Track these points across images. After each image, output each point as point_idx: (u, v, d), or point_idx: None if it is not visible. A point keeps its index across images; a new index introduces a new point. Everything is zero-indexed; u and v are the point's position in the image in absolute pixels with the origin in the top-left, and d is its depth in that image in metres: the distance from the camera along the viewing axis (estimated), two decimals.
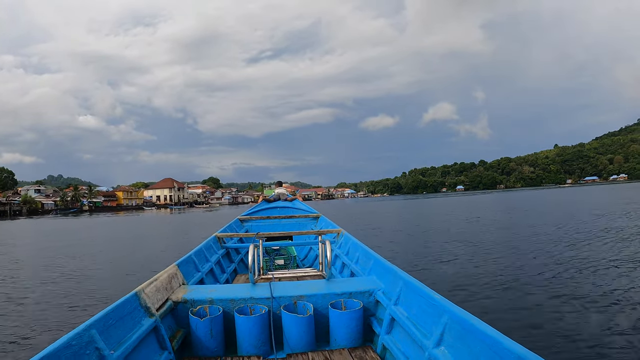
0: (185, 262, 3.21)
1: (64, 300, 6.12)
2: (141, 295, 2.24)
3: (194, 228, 22.61)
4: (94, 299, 6.13)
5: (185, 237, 17.12)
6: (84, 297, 6.27)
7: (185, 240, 15.23)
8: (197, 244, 3.84)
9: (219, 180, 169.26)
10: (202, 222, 28.49)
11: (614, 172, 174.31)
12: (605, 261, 6.96)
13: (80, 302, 5.96)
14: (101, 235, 20.47)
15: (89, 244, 15.83)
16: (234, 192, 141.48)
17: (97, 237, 19.19)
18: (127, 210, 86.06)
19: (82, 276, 8.25)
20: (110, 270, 9.12)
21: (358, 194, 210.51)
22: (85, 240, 17.77)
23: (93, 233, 22.60)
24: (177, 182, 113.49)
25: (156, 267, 6.81)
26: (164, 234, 20.28)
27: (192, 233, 18.54)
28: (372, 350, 2.37)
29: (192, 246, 3.79)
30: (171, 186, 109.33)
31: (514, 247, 9.17)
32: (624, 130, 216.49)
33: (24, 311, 5.67)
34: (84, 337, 1.68)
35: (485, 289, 5.58)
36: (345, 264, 3.76)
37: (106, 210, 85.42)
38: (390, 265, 2.71)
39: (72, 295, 6.48)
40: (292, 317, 2.38)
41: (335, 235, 4.53)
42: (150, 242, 15.77)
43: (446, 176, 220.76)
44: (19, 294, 6.85)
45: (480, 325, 1.61)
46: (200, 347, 2.35)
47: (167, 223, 30.78)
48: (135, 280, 6.71)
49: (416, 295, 2.20)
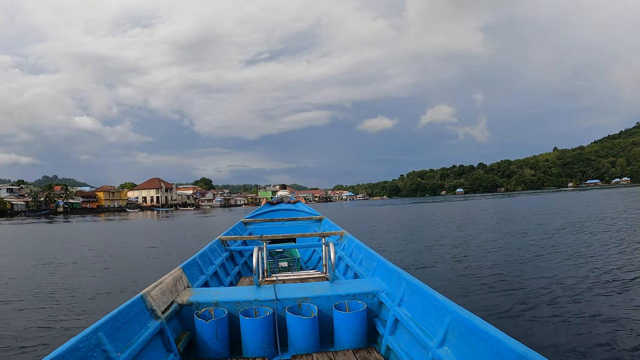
0: (189, 265, 3.21)
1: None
2: (147, 298, 2.26)
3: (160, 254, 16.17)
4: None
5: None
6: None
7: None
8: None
9: (211, 181, 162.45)
10: (174, 242, 22.17)
11: (616, 175, 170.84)
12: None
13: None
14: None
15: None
16: (226, 193, 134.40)
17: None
18: (108, 212, 79.32)
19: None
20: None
21: (357, 196, 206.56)
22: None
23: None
24: (165, 182, 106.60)
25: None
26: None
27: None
28: (376, 351, 2.37)
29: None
30: (158, 186, 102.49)
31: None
32: (624, 133, 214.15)
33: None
34: (91, 339, 1.70)
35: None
36: (349, 266, 3.77)
37: (84, 212, 78.49)
38: (394, 267, 2.73)
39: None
40: (296, 319, 2.39)
41: (338, 237, 4.55)
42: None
43: (445, 179, 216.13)
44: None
45: (484, 325, 1.64)
46: (206, 350, 2.36)
47: (132, 234, 24.72)
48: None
49: (419, 296, 2.22)
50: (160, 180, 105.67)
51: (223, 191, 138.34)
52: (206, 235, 16.80)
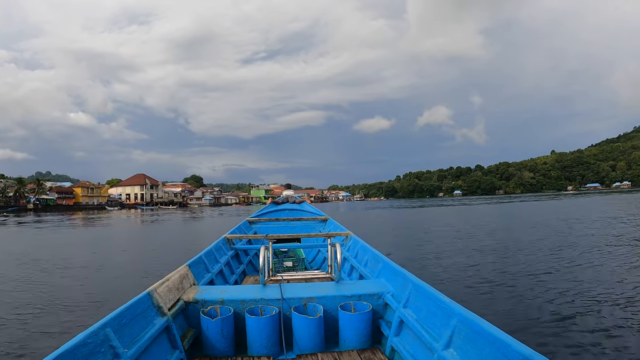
0: (196, 263, 3.20)
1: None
2: (154, 295, 2.26)
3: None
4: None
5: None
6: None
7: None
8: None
9: (201, 178, 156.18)
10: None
11: (616, 179, 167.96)
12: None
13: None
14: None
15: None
16: (216, 191, 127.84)
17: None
18: (85, 210, 73.09)
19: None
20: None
21: (354, 196, 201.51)
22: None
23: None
24: (151, 178, 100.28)
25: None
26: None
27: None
28: (380, 352, 2.39)
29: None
30: (143, 183, 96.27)
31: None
32: (623, 137, 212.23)
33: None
34: (99, 335, 1.72)
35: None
36: (354, 267, 3.77)
37: (59, 209, 72.10)
38: (399, 269, 2.72)
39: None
40: (302, 319, 2.40)
41: (343, 238, 4.51)
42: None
43: (442, 180, 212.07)
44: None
45: (489, 327, 1.65)
46: (211, 347, 2.37)
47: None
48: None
49: (425, 298, 2.22)
50: (146, 177, 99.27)
51: (213, 189, 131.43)
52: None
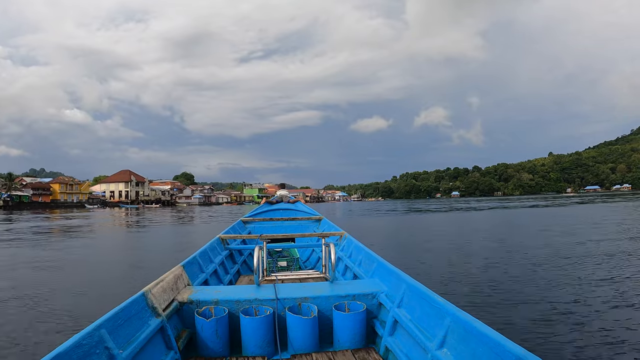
0: (190, 263, 3.17)
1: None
2: (148, 296, 2.24)
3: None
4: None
5: None
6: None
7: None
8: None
9: (192, 176, 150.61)
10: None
11: (616, 182, 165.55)
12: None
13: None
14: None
15: None
16: (207, 190, 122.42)
17: None
18: (63, 208, 67.77)
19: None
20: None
21: (351, 197, 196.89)
22: None
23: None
24: (137, 175, 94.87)
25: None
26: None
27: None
28: (375, 351, 2.38)
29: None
30: (128, 180, 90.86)
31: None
32: (621, 139, 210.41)
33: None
34: (94, 336, 1.71)
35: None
36: (348, 267, 3.76)
37: (32, 207, 66.73)
38: (394, 268, 2.71)
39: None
40: (296, 319, 2.39)
41: (338, 237, 4.50)
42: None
43: (440, 181, 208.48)
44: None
45: (482, 327, 1.65)
46: (206, 348, 2.36)
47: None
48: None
49: (419, 298, 2.22)
50: (131, 173, 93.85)
51: (204, 187, 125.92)
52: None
